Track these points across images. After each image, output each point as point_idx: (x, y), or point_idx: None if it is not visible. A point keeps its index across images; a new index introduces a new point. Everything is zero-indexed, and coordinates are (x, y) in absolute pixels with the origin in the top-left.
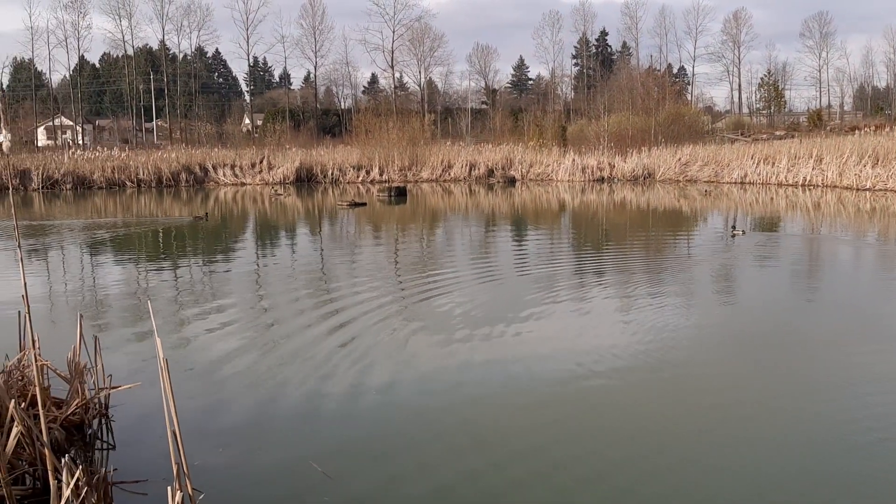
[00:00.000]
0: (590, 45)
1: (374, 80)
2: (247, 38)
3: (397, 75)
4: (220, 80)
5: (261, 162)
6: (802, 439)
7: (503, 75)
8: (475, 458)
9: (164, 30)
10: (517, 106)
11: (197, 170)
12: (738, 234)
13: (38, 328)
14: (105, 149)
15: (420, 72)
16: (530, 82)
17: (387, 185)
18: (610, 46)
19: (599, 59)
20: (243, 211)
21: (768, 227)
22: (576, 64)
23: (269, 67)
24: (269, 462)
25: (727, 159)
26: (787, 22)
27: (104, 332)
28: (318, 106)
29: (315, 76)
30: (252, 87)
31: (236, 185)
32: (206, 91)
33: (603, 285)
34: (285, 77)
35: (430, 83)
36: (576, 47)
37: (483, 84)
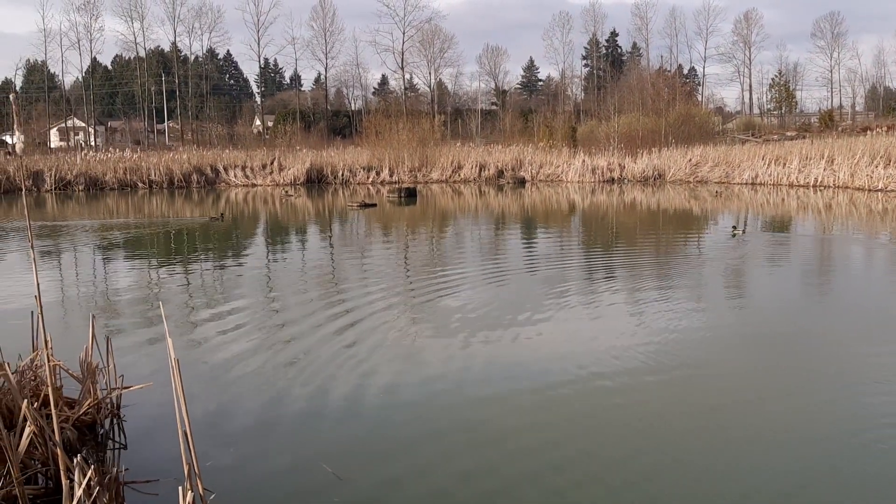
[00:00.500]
0: (600, 45)
1: (384, 81)
2: (258, 39)
3: (407, 76)
4: (231, 81)
5: (271, 163)
6: (813, 440)
7: (513, 76)
8: (493, 457)
9: (175, 32)
10: (527, 107)
11: (208, 171)
12: (737, 234)
13: (50, 329)
14: (117, 150)
15: (430, 73)
16: (540, 83)
17: (397, 186)
18: (620, 47)
19: (609, 60)
20: (254, 212)
21: (779, 228)
22: (586, 65)
23: (280, 69)
24: (280, 462)
25: (738, 160)
26: (798, 22)
27: (116, 333)
28: (329, 107)
29: (325, 78)
30: (263, 89)
31: (247, 186)
32: (218, 93)
33: (611, 286)
34: (296, 78)
35: (441, 84)
36: (586, 48)
37: (493, 85)
